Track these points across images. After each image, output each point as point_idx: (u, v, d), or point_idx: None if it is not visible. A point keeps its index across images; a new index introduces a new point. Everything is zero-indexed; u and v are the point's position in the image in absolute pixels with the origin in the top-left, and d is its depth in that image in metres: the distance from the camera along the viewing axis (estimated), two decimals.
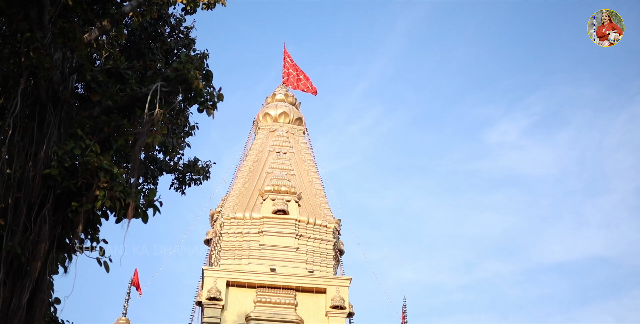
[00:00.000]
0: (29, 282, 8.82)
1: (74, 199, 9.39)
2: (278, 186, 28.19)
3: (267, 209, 27.52)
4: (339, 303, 24.95)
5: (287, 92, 34.69)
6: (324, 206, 28.73)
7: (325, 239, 27.29)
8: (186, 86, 10.67)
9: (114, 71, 10.96)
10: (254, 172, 29.93)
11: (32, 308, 8.89)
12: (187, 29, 15.55)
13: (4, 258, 8.84)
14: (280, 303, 25.09)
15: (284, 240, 26.75)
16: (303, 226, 27.28)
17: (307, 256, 26.55)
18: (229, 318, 24.51)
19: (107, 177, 9.34)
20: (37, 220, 9.12)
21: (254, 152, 31.27)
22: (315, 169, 30.95)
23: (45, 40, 10.21)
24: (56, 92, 10.13)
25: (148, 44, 14.32)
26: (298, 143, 32.03)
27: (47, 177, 9.34)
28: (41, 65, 9.74)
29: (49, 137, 9.70)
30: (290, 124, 32.81)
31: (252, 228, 27.05)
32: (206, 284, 25.03)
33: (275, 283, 25.31)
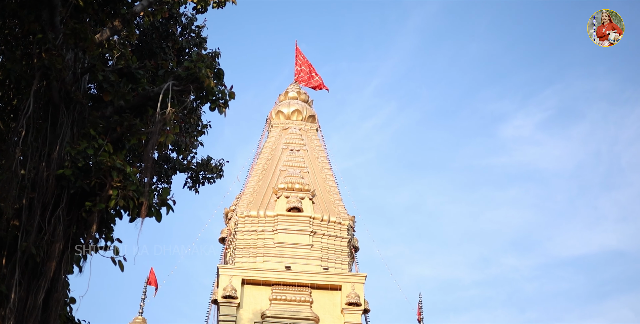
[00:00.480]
0: (44, 282, 8.87)
1: (88, 199, 9.43)
2: (292, 183, 28.21)
3: (281, 206, 27.54)
4: (355, 299, 24.94)
5: (300, 90, 34.68)
6: (338, 203, 28.72)
7: (339, 236, 27.28)
8: (197, 85, 10.68)
9: (126, 71, 10.99)
10: (267, 170, 29.96)
11: (48, 307, 8.94)
12: (199, 28, 15.61)
13: (19, 258, 8.89)
14: (295, 301, 25.12)
15: (298, 237, 26.77)
16: (317, 223, 27.29)
17: (321, 253, 26.56)
18: (245, 316, 24.55)
19: (120, 176, 9.37)
20: (52, 220, 9.17)
21: (267, 150, 31.30)
22: (329, 166, 30.94)
23: (57, 41, 10.26)
24: (68, 93, 10.17)
25: (160, 43, 14.38)
26: (311, 140, 32.03)
27: (60, 178, 9.38)
28: (53, 66, 9.78)
29: (62, 137, 9.74)
30: (303, 121, 32.81)
31: (267, 226, 27.08)
32: (221, 282, 25.09)
33: (291, 281, 25.32)
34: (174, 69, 11.02)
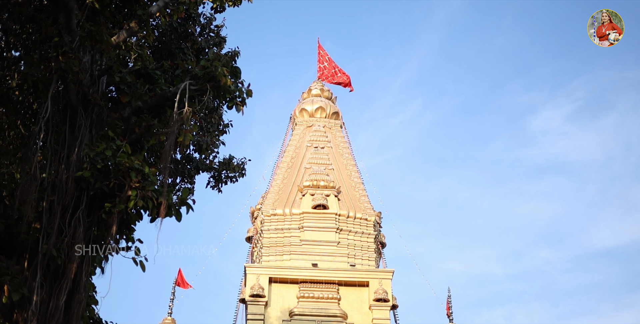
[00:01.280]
0: (66, 283, 8.91)
1: (107, 200, 9.45)
2: (317, 180, 28.18)
3: (307, 204, 27.52)
4: (382, 295, 24.86)
5: (323, 87, 34.62)
6: (364, 199, 28.64)
7: (366, 233, 27.21)
8: (214, 84, 10.66)
9: (143, 72, 11.00)
10: (292, 168, 29.96)
11: (70, 309, 8.98)
12: (218, 27, 15.61)
13: (40, 260, 8.94)
14: (323, 298, 25.09)
15: (324, 235, 26.74)
16: (343, 219, 27.24)
17: (348, 249, 26.50)
18: (273, 314, 24.57)
19: (139, 177, 9.38)
20: (72, 222, 9.20)
21: (291, 148, 31.30)
22: (354, 162, 30.87)
23: (73, 44, 10.29)
24: (86, 95, 10.20)
25: (179, 44, 14.39)
26: (335, 137, 31.97)
27: (79, 180, 9.41)
28: (70, 69, 9.81)
29: (81, 139, 9.77)
30: (327, 118, 32.76)
31: (293, 224, 27.08)
32: (249, 281, 25.13)
33: (318, 278, 25.31)
34: (191, 68, 10.99)
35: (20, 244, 9.38)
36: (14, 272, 8.77)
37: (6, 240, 9.42)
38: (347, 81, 33.94)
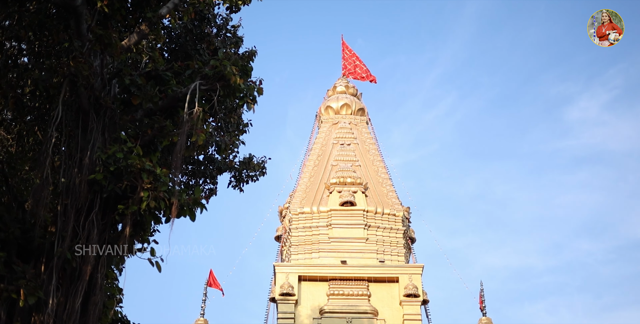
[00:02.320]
0: (81, 286, 8.98)
1: (121, 202, 9.51)
2: (344, 177, 28.12)
3: (334, 201, 27.47)
4: (413, 291, 24.72)
5: (348, 84, 34.56)
6: (392, 195, 28.51)
7: (394, 228, 27.08)
8: (224, 83, 10.68)
9: (154, 74, 11.05)
10: (319, 166, 29.94)
11: (86, 310, 9.05)
12: (234, 27, 15.62)
13: (56, 263, 9.02)
14: (353, 295, 25.02)
15: (353, 231, 26.67)
16: (371, 216, 27.14)
17: (377, 246, 26.40)
18: (303, 313, 24.56)
19: (151, 178, 9.43)
20: (86, 225, 9.27)
21: (317, 146, 31.28)
22: (381, 158, 30.75)
23: (84, 48, 10.37)
24: (98, 99, 10.28)
25: (194, 45, 14.43)
26: (362, 134, 31.89)
27: (92, 182, 9.48)
28: (80, 74, 9.89)
29: (93, 143, 9.84)
30: (353, 115, 32.69)
31: (321, 222, 27.05)
32: (278, 280, 25.15)
33: (347, 275, 25.24)
34: (200, 68, 11.02)
35: (36, 249, 9.48)
36: (30, 276, 8.86)
37: (23, 245, 9.53)
38: (368, 74, 33.88)
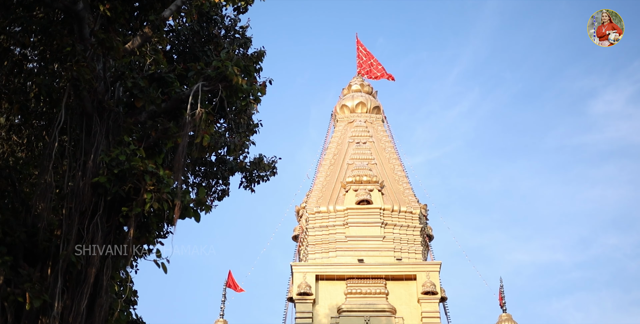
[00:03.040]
0: (87, 288, 9.04)
1: (125, 205, 9.56)
2: (359, 176, 28.09)
3: (351, 200, 27.45)
4: (430, 288, 24.64)
5: (363, 82, 34.52)
6: (408, 193, 28.45)
7: (411, 226, 27.01)
8: (226, 83, 10.70)
9: (157, 76, 11.09)
10: (334, 165, 29.94)
11: (92, 312, 9.10)
12: (243, 28, 15.65)
13: (61, 266, 9.08)
14: (371, 293, 24.99)
15: (369, 230, 26.63)
16: (388, 214, 27.09)
17: (394, 244, 26.35)
18: (321, 312, 24.57)
19: (154, 179, 9.46)
20: (90, 228, 9.33)
21: (333, 145, 31.28)
22: (397, 156, 30.69)
23: (86, 53, 10.44)
24: (101, 102, 10.33)
25: (202, 47, 14.47)
26: (377, 132, 31.83)
27: (96, 185, 9.54)
28: (82, 77, 9.94)
29: (96, 146, 9.90)
30: (368, 113, 32.65)
31: (337, 220, 27.04)
32: (295, 279, 25.18)
33: (364, 274, 25.21)
34: (203, 69, 11.04)
35: (42, 252, 9.56)
36: (35, 279, 8.94)
37: (30, 248, 9.61)
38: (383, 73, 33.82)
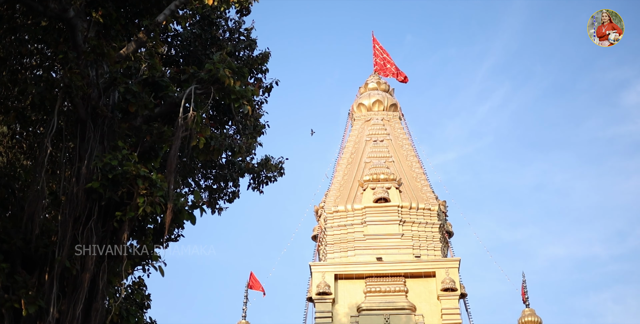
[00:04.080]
0: (82, 293, 9.10)
1: (119, 209, 9.62)
2: (377, 174, 28.04)
3: (368, 198, 27.42)
4: (450, 285, 24.53)
5: (380, 80, 34.47)
6: (426, 189, 28.33)
7: (430, 223, 26.91)
8: (219, 86, 10.71)
9: (150, 80, 11.15)
10: (352, 163, 29.92)
11: (88, 317, 9.17)
12: (247, 30, 15.69)
13: (56, 272, 9.17)
14: (390, 291, 24.94)
15: (387, 228, 26.58)
16: (406, 211, 27.02)
17: (412, 241, 26.27)
18: (341, 311, 24.57)
19: (146, 183, 9.50)
20: (84, 233, 9.40)
21: (350, 143, 31.26)
22: (415, 153, 30.58)
23: (79, 60, 10.53)
24: (95, 108, 10.40)
25: (204, 50, 14.54)
26: (394, 129, 31.74)
27: (90, 191, 9.59)
28: (73, 84, 10.02)
29: (90, 151, 9.97)
30: (385, 111, 32.58)
31: (355, 219, 27.02)
32: (314, 279, 25.21)
33: (383, 272, 25.19)
34: (196, 73, 11.08)
35: (40, 258, 9.66)
36: (29, 285, 9.03)
37: (28, 255, 9.71)
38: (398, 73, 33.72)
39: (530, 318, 25.44)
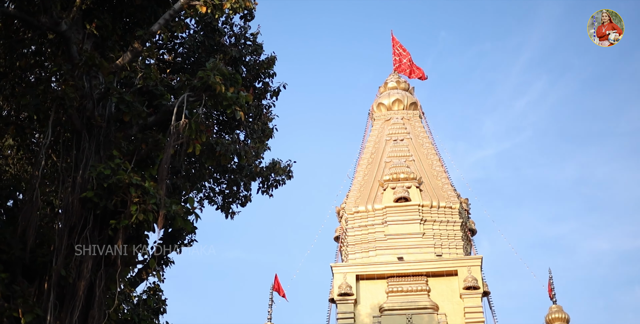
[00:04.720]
0: (78, 301, 9.27)
1: (113, 218, 9.78)
2: (397, 173, 27.99)
3: (389, 198, 27.38)
4: (472, 283, 24.41)
5: (399, 79, 34.35)
6: (447, 188, 28.21)
7: (451, 221, 26.79)
8: (210, 92, 10.83)
9: (145, 89, 11.31)
10: (372, 163, 29.90)
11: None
12: (253, 35, 15.81)
13: (53, 281, 9.35)
14: (412, 291, 24.88)
15: (408, 227, 26.52)
16: (427, 210, 26.93)
17: (434, 240, 26.17)
18: (363, 312, 24.57)
19: (139, 192, 9.65)
20: (79, 241, 9.57)
21: (371, 143, 31.23)
22: (435, 151, 30.46)
23: (74, 72, 10.72)
24: (89, 119, 10.59)
25: (208, 57, 14.68)
26: (415, 128, 31.65)
27: (85, 200, 9.78)
28: (67, 96, 10.21)
29: (85, 161, 10.15)
30: (405, 110, 32.48)
31: (376, 219, 27.00)
32: (336, 280, 25.24)
33: (405, 271, 25.13)
34: (189, 80, 11.21)
35: (40, 268, 9.86)
36: (27, 294, 9.23)
37: (28, 265, 9.92)
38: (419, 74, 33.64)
39: (558, 314, 25.19)
